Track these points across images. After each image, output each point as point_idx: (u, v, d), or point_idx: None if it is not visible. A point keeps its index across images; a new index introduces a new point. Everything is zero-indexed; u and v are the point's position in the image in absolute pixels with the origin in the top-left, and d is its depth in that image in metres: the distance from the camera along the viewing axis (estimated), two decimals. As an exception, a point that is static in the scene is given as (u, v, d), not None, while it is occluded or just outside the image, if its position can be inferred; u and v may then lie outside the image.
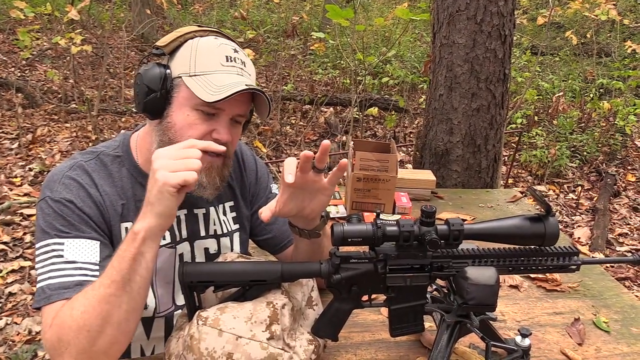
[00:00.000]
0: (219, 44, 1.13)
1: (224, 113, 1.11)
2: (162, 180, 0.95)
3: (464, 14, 2.58)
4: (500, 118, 2.75)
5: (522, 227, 1.07)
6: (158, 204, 0.96)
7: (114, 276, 0.96)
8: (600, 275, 1.68)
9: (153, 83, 1.10)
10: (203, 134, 1.10)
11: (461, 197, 2.33)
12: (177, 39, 1.13)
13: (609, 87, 6.34)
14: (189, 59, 1.11)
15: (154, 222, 0.97)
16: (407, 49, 7.53)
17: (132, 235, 0.98)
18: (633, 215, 4.45)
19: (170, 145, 1.08)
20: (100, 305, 0.95)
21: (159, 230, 0.99)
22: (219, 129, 1.11)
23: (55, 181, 1.12)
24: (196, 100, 1.08)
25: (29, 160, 4.58)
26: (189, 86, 1.08)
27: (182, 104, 1.11)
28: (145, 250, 0.98)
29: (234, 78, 1.10)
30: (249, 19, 7.38)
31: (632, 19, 8.66)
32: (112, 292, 0.96)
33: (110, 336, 0.97)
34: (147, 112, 1.13)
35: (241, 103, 1.12)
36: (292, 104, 6.26)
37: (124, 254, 0.97)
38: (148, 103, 1.11)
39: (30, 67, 6.96)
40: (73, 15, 4.61)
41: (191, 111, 1.10)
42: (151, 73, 1.11)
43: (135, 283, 0.98)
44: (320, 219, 1.18)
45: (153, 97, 1.10)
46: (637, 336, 1.37)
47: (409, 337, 1.27)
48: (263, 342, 0.97)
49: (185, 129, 1.10)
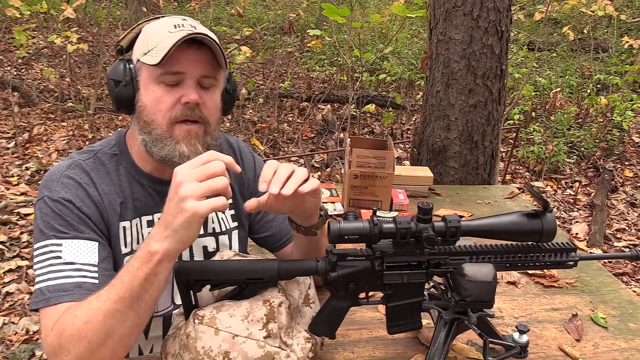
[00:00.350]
0: (167, 19, 1.14)
1: (187, 76, 1.10)
2: (191, 211, 0.89)
3: (461, 9, 2.58)
4: (497, 114, 2.75)
5: (519, 224, 1.07)
6: (184, 232, 0.91)
7: (122, 293, 0.93)
8: (597, 271, 1.68)
9: (118, 75, 1.13)
10: (172, 103, 1.10)
11: (458, 194, 2.33)
12: (132, 31, 1.16)
13: (606, 83, 6.34)
14: (143, 42, 1.12)
15: (174, 246, 0.93)
16: (404, 46, 7.52)
17: (147, 255, 0.92)
18: (631, 210, 4.46)
19: (149, 128, 1.10)
20: (105, 320, 0.93)
21: (177, 253, 0.95)
22: (185, 92, 1.10)
23: (54, 180, 1.11)
24: (154, 73, 1.09)
25: (25, 160, 4.57)
26: (143, 61, 1.10)
27: (146, 84, 1.12)
28: (159, 272, 0.94)
29: (179, 35, 1.08)
30: (246, 16, 7.36)
31: (629, 15, 8.67)
32: (119, 309, 0.93)
33: (111, 349, 0.95)
34: (122, 107, 1.15)
35: (200, 63, 1.11)
36: (289, 101, 6.25)
37: (136, 272, 0.93)
38: (117, 97, 1.13)
39: (27, 65, 6.93)
40: (69, 14, 4.60)
41: (155, 86, 1.10)
42: (114, 69, 1.14)
43: (143, 302, 0.95)
44: (319, 217, 1.17)
45: (120, 88, 1.12)
46: (635, 332, 1.37)
47: (407, 335, 1.27)
48: (260, 341, 0.97)
49: (155, 105, 1.10)
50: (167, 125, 1.11)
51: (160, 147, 1.11)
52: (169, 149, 1.11)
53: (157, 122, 1.11)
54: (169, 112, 1.10)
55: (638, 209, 4.47)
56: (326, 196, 2.10)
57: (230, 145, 1.40)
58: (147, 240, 0.95)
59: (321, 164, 4.98)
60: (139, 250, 0.95)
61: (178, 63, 1.08)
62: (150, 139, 1.12)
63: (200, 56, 1.11)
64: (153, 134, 1.12)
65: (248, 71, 7.15)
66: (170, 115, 1.11)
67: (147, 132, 1.12)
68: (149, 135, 1.12)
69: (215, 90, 1.18)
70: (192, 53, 1.09)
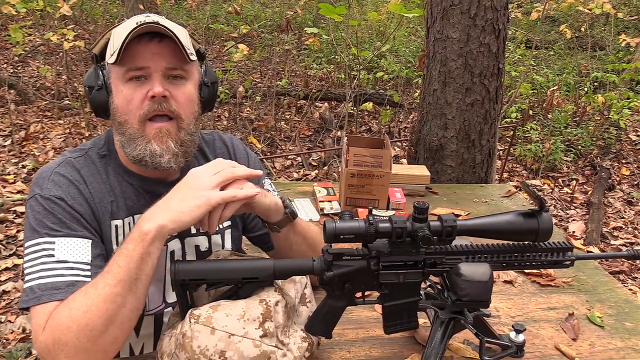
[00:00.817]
0: (132, 19, 1.12)
1: (151, 70, 1.09)
2: (206, 196, 1.01)
3: (458, 8, 2.57)
4: (494, 112, 2.75)
5: (515, 223, 1.07)
6: (187, 213, 1.00)
7: (120, 276, 0.95)
8: (594, 270, 1.68)
9: (91, 82, 1.13)
10: (141, 100, 1.10)
11: (456, 192, 2.33)
12: (104, 37, 1.15)
13: (604, 81, 6.35)
14: (110, 45, 1.11)
15: (169, 225, 0.99)
16: (401, 44, 7.51)
17: (140, 235, 0.97)
18: (627, 208, 4.47)
19: (122, 129, 1.11)
20: (106, 305, 0.94)
21: (169, 233, 1.00)
22: (152, 86, 1.09)
23: (45, 178, 1.11)
24: (120, 72, 1.09)
25: (22, 157, 4.56)
26: (108, 62, 1.11)
27: (116, 85, 1.12)
28: (152, 251, 0.98)
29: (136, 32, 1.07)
30: (243, 14, 7.36)
31: (626, 13, 8.67)
32: (118, 292, 0.95)
33: (112, 335, 0.96)
34: (99, 112, 1.16)
35: (163, 55, 1.10)
36: (286, 99, 6.24)
37: (131, 253, 0.96)
38: (93, 102, 1.14)
39: (23, 63, 6.91)
40: (65, 11, 4.59)
41: (123, 85, 1.10)
42: (88, 75, 1.15)
43: (140, 282, 0.98)
44: (284, 215, 1.19)
45: (94, 93, 1.13)
46: (631, 331, 1.37)
47: (403, 334, 1.26)
48: (256, 340, 0.97)
49: (125, 104, 1.10)
50: (139, 123, 1.11)
51: (133, 147, 1.11)
52: (141, 149, 1.11)
53: (129, 121, 1.11)
54: (139, 110, 1.10)
55: (635, 207, 4.48)
56: (323, 195, 2.10)
57: (224, 143, 1.39)
58: (138, 223, 1.00)
59: (318, 162, 4.98)
60: (131, 234, 0.99)
61: (141, 57, 1.08)
62: (125, 139, 1.12)
63: (162, 49, 1.09)
64: (126, 134, 1.12)
65: (245, 69, 7.13)
66: (140, 113, 1.10)
67: (121, 133, 1.13)
68: (122, 135, 1.12)
69: (186, 83, 1.15)
70: (154, 47, 1.08)
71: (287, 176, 4.65)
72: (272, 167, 4.78)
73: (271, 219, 1.18)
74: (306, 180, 4.54)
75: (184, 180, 1.05)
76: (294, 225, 1.23)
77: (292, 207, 1.22)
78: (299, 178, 4.62)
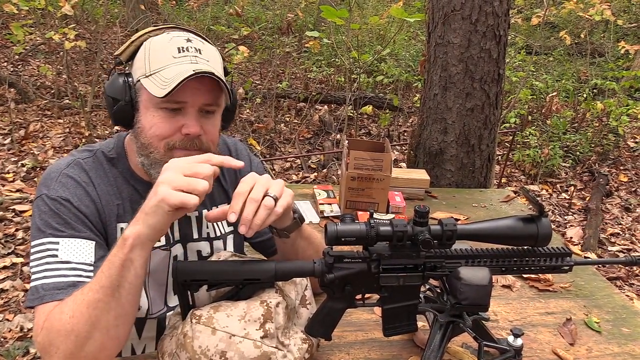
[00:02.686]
0: (171, 38, 1.11)
1: (188, 105, 1.09)
2: (161, 196, 0.93)
3: (459, 13, 2.59)
4: (494, 118, 2.76)
5: (514, 228, 1.08)
6: (152, 216, 0.95)
7: (102, 281, 0.95)
8: (592, 276, 1.69)
9: (117, 93, 1.11)
10: (172, 131, 1.09)
11: (455, 197, 2.34)
12: (133, 44, 1.13)
13: (603, 88, 6.37)
14: (144, 61, 1.10)
15: (144, 231, 0.96)
16: (402, 48, 7.53)
17: (121, 241, 0.97)
18: (625, 215, 4.48)
19: (146, 151, 1.10)
20: (89, 311, 0.94)
21: (148, 240, 0.97)
22: (187, 122, 1.09)
23: (53, 179, 1.11)
24: (156, 99, 1.07)
25: (21, 156, 4.56)
26: (145, 86, 1.08)
27: (146, 107, 1.10)
28: (134, 258, 0.96)
29: (184, 67, 1.06)
30: (244, 16, 7.36)
31: (625, 20, 8.70)
32: (100, 298, 0.95)
33: (98, 342, 0.96)
34: (120, 123, 1.14)
35: (203, 92, 1.09)
36: (286, 102, 6.25)
37: (113, 259, 0.96)
38: (116, 114, 1.12)
39: (23, 62, 6.91)
40: (67, 10, 4.59)
41: (156, 111, 1.09)
42: (114, 84, 1.12)
43: (123, 289, 0.96)
44: (293, 220, 1.17)
45: (119, 106, 1.11)
46: (628, 336, 1.38)
47: (402, 337, 1.27)
48: (257, 341, 0.98)
49: (154, 130, 1.09)
50: (165, 149, 1.10)
51: (158, 171, 1.06)
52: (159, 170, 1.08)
53: (155, 145, 1.10)
54: (168, 139, 1.09)
55: (632, 214, 4.49)
56: (323, 197, 2.10)
57: (227, 146, 1.39)
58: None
59: (317, 164, 4.99)
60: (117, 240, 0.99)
61: (181, 92, 1.05)
62: (149, 161, 1.12)
63: (202, 85, 1.08)
64: (151, 157, 1.11)
65: (246, 71, 7.14)
66: (168, 141, 1.10)
67: (145, 155, 1.12)
68: (147, 158, 1.12)
69: (217, 115, 1.16)
70: (195, 82, 1.05)
71: (286, 178, 4.66)
72: (272, 169, 4.78)
73: (282, 224, 1.16)
74: (305, 182, 4.54)
75: None
76: (300, 230, 1.21)
77: (300, 212, 1.20)
78: (298, 180, 4.63)
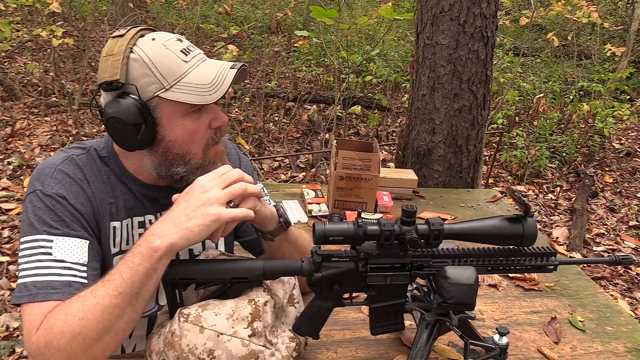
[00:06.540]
0: (161, 45, 1.08)
1: None
2: (216, 215, 0.98)
3: (448, 15, 2.60)
4: (481, 119, 2.78)
5: (500, 228, 1.09)
6: (198, 232, 0.97)
7: (122, 288, 0.93)
8: (576, 275, 1.71)
9: (134, 118, 1.05)
10: (205, 131, 1.12)
11: (442, 197, 2.35)
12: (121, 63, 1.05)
13: (589, 90, 6.44)
14: (152, 76, 1.06)
15: (180, 243, 0.96)
16: (391, 48, 7.56)
17: (149, 250, 0.95)
18: (610, 215, 4.53)
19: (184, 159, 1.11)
20: (103, 315, 0.92)
21: (179, 250, 0.98)
22: (215, 116, 1.13)
23: (47, 175, 1.09)
24: (182, 108, 1.07)
25: (7, 154, 4.51)
26: (174, 99, 1.05)
27: (171, 119, 1.08)
28: (159, 267, 0.96)
29: (212, 66, 1.09)
30: (233, 15, 7.34)
31: (612, 22, 8.79)
32: (117, 304, 0.93)
33: (105, 344, 0.95)
34: (142, 146, 1.10)
35: None
36: (275, 101, 6.25)
37: (137, 267, 0.94)
38: (138, 141, 1.08)
39: (10, 59, 6.84)
40: (54, 8, 4.56)
41: (184, 119, 1.09)
42: (121, 109, 1.05)
43: (141, 297, 0.96)
44: (278, 224, 1.18)
45: (144, 131, 1.07)
46: (612, 335, 1.40)
47: (389, 335, 1.28)
48: (244, 339, 0.98)
49: (189, 137, 1.10)
50: (203, 152, 1.13)
51: (198, 174, 1.08)
52: (201, 173, 1.08)
53: (193, 152, 1.12)
54: (203, 140, 1.12)
55: (617, 214, 4.54)
56: (311, 197, 2.11)
57: None
58: (146, 237, 0.96)
59: (306, 164, 4.99)
60: (138, 247, 0.96)
61: None
62: (188, 168, 1.12)
63: None
64: (191, 164, 1.12)
65: (234, 70, 7.11)
66: (204, 142, 1.13)
67: (183, 164, 1.12)
68: (185, 166, 1.12)
69: None
70: None
71: (274, 178, 4.66)
72: (260, 168, 4.78)
73: (266, 228, 1.17)
74: (294, 182, 4.54)
75: (191, 191, 1.01)
76: (287, 233, 1.22)
77: (286, 216, 1.21)
78: (287, 180, 4.63)
